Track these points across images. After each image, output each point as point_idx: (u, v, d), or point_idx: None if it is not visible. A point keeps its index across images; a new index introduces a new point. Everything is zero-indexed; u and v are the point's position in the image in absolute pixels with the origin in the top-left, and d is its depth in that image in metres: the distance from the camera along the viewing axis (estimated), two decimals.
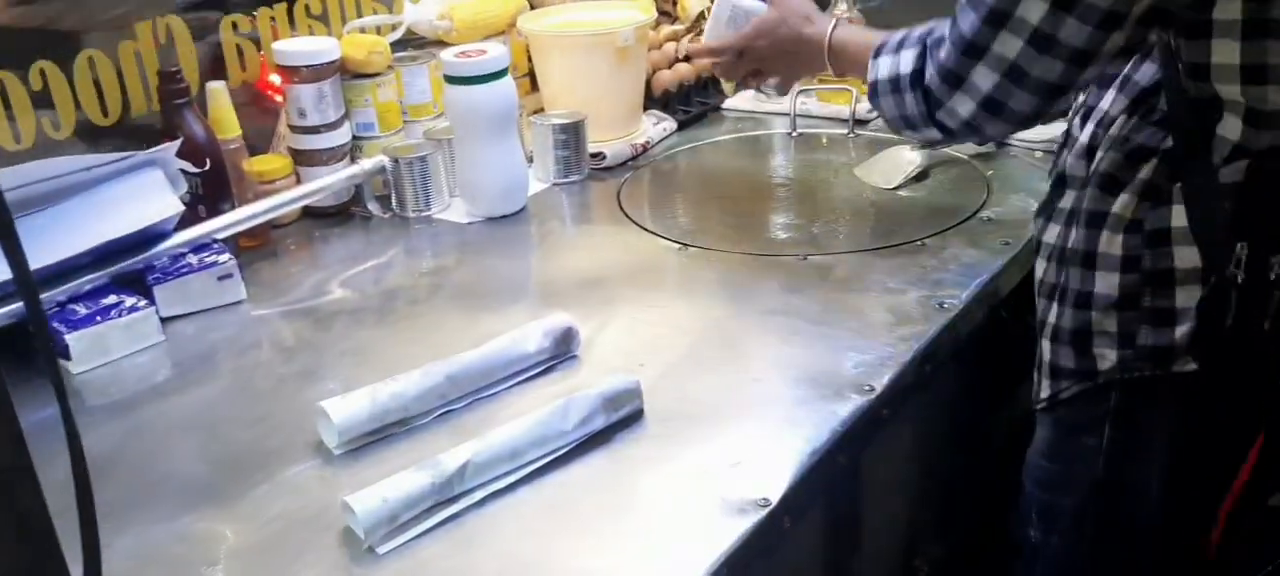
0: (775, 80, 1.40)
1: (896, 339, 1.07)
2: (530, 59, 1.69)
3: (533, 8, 1.72)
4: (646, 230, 1.39)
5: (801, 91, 1.77)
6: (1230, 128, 0.86)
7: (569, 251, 1.40)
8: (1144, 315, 0.92)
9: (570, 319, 1.08)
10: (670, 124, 1.74)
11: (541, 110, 1.64)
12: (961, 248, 1.27)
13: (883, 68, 1.05)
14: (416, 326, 1.18)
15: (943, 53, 0.96)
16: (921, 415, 1.19)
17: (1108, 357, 0.95)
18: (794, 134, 1.72)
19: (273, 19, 1.50)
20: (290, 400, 1.04)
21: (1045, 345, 1.02)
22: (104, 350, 1.12)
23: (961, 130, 0.98)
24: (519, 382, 1.03)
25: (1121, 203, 0.92)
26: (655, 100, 1.77)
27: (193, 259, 1.22)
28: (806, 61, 1.30)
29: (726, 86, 1.88)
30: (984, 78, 0.92)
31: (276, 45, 1.43)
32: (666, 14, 1.88)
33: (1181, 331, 0.90)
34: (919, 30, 1.02)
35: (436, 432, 0.96)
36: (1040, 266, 1.04)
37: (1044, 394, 1.03)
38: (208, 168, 1.29)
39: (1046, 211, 1.03)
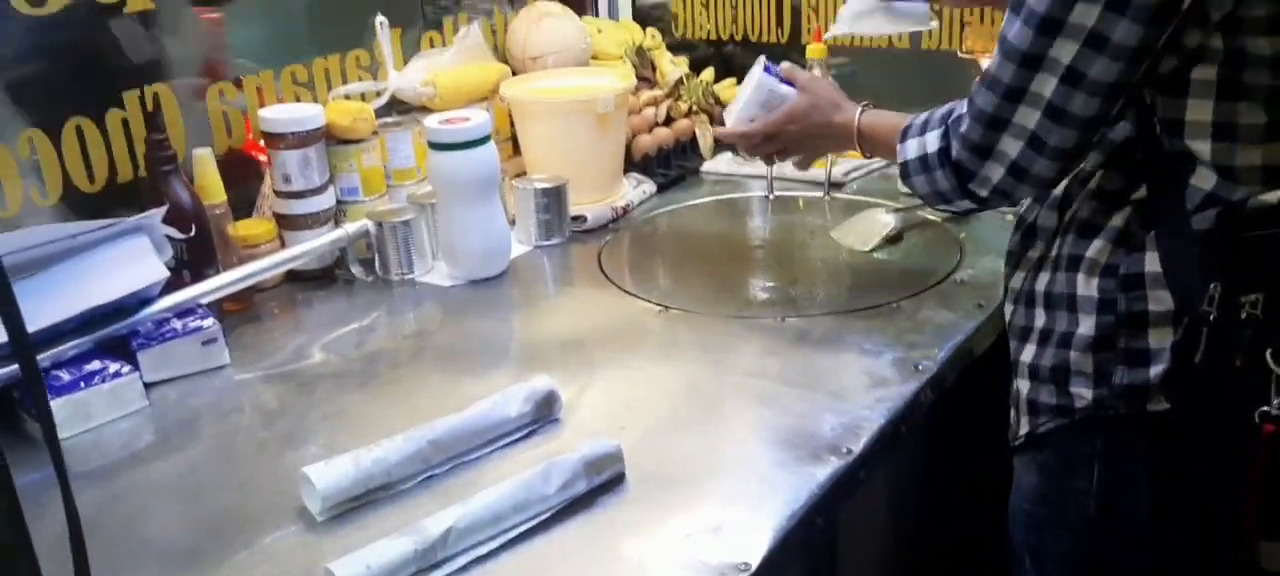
0: (798, 158, 1.40)
1: (873, 401, 1.09)
2: (512, 124, 1.72)
3: (515, 74, 1.76)
4: (627, 292, 1.41)
5: None
6: (1203, 178, 0.91)
7: (550, 314, 1.41)
8: (1119, 355, 0.96)
9: (552, 382, 1.09)
10: (650, 187, 1.77)
11: (523, 174, 1.66)
12: (935, 309, 1.30)
13: (911, 149, 1.10)
14: (399, 390, 1.19)
15: (964, 127, 1.01)
16: (897, 474, 1.21)
17: (1084, 396, 0.99)
18: (771, 196, 1.75)
19: (259, 87, 1.52)
20: (273, 465, 1.04)
21: (1022, 383, 1.06)
22: (87, 416, 1.13)
23: (994, 196, 1.03)
24: (501, 447, 1.04)
25: (1096, 248, 0.98)
26: (635, 163, 1.80)
27: (177, 324, 1.23)
28: (834, 144, 1.33)
29: (704, 148, 1.91)
30: (1010, 145, 0.97)
31: (263, 112, 1.46)
32: (646, 80, 1.92)
33: (1155, 371, 0.94)
34: (940, 111, 1.08)
35: (419, 497, 0.97)
36: (1009, 309, 1.09)
37: (1022, 430, 1.06)
38: (193, 233, 1.30)
39: (1015, 261, 1.09)
